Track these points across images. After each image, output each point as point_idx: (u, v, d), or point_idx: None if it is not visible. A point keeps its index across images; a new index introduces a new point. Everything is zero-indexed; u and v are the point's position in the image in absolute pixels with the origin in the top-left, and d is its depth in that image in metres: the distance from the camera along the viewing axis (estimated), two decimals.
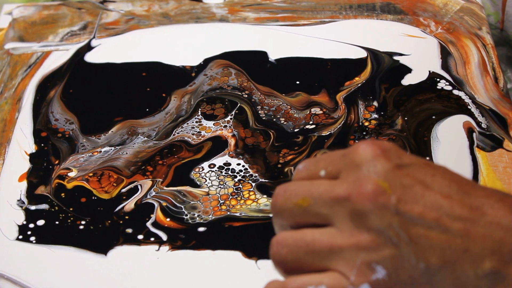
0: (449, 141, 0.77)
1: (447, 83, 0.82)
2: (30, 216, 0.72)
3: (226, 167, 0.75)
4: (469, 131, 0.77)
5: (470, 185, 0.49)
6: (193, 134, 0.78)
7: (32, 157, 0.77)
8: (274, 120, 0.79)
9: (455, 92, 0.81)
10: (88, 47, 0.89)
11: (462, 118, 0.79)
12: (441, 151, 0.76)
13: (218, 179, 0.74)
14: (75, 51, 0.89)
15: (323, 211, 0.50)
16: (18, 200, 0.73)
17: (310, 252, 0.49)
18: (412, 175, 0.48)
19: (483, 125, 0.77)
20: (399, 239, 0.46)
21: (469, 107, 0.80)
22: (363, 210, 0.47)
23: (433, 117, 0.79)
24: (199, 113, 0.80)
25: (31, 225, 0.72)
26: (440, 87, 0.82)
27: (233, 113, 0.80)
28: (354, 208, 0.47)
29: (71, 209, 0.72)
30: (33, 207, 0.73)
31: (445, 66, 0.85)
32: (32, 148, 0.78)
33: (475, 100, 0.80)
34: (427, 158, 0.75)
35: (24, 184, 0.75)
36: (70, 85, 0.85)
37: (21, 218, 0.72)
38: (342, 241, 0.48)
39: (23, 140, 0.79)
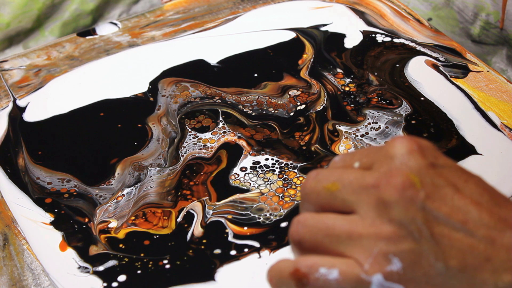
0: (427, 79, 0.83)
1: (383, 36, 0.88)
2: (105, 276, 0.67)
3: (258, 166, 0.75)
4: (435, 67, 0.84)
5: (503, 199, 0.48)
6: (200, 149, 0.77)
7: (55, 224, 0.71)
8: (264, 112, 0.80)
9: (396, 40, 0.88)
10: (18, 109, 0.83)
11: (421, 59, 0.85)
12: (428, 89, 0.82)
13: (260, 177, 0.74)
14: (8, 117, 0.82)
15: (350, 198, 0.48)
16: (78, 268, 0.67)
17: (329, 235, 0.48)
18: (445, 176, 0.47)
19: (441, 59, 0.84)
20: (420, 235, 0.45)
21: (417, 48, 0.86)
22: (388, 200, 0.46)
23: (397, 65, 0.84)
24: (190, 130, 0.79)
25: (115, 284, 0.67)
26: (380, 41, 0.88)
27: (221, 119, 0.80)
28: (380, 197, 0.46)
29: (142, 254, 0.68)
30: (101, 268, 0.67)
31: (369, 23, 0.91)
32: (47, 217, 0.72)
33: (417, 42, 0.87)
34: (422, 98, 0.80)
35: (71, 252, 0.69)
36: (33, 148, 0.78)
37: (97, 282, 0.66)
38: (362, 228, 0.46)
39: (30, 214, 0.72)
